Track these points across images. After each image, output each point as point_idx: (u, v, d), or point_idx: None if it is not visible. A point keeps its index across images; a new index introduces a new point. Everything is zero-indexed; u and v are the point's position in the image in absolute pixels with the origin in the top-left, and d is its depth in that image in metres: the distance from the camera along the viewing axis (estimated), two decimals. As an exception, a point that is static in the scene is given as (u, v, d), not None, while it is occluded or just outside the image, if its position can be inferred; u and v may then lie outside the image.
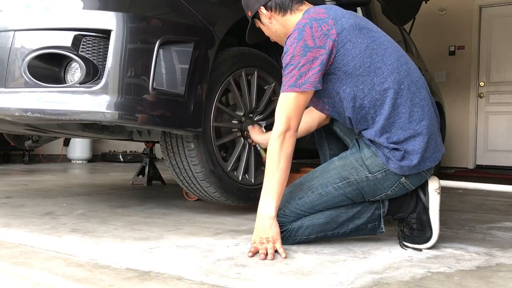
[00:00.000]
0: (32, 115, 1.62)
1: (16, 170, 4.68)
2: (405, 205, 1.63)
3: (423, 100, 1.55)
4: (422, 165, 1.54)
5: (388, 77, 1.52)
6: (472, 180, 3.99)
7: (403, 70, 1.54)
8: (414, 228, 1.60)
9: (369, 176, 1.55)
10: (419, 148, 1.52)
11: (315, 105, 1.68)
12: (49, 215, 2.04)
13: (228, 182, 2.02)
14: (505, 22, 6.55)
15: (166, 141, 2.00)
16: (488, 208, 2.72)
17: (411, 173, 1.55)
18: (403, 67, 1.55)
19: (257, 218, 1.53)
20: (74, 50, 1.61)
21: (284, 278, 1.21)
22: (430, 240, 1.57)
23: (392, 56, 1.54)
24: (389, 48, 1.56)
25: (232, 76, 2.02)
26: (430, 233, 1.57)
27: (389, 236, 1.75)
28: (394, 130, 1.52)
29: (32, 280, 1.15)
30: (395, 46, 1.59)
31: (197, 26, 1.80)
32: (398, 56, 1.56)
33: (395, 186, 1.57)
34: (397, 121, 1.52)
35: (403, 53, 1.60)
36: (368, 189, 1.57)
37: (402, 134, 1.51)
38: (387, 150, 1.53)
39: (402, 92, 1.52)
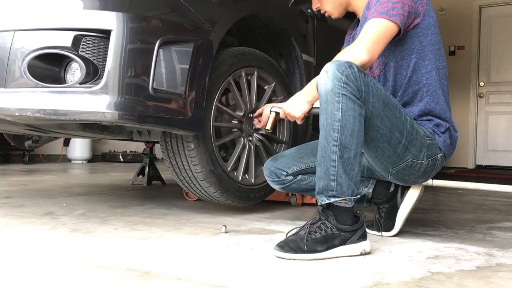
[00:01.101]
0: (32, 115, 1.62)
1: (16, 170, 4.68)
2: (384, 195, 1.78)
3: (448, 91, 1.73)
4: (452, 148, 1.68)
5: (444, 68, 1.67)
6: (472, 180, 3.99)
7: (446, 70, 1.71)
8: (382, 216, 1.77)
9: (424, 135, 1.60)
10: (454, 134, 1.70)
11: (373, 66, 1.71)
12: (49, 215, 2.04)
13: (228, 182, 2.02)
14: (505, 22, 6.55)
15: (166, 141, 2.00)
16: (488, 208, 2.72)
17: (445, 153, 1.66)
18: (446, 68, 1.72)
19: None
20: (74, 50, 1.61)
21: (283, 278, 1.21)
22: (389, 232, 1.75)
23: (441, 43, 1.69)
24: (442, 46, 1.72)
25: (232, 76, 2.02)
26: (392, 227, 1.75)
27: (389, 237, 1.75)
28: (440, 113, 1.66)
29: (32, 280, 1.15)
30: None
31: (197, 26, 1.80)
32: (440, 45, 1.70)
33: (432, 158, 1.63)
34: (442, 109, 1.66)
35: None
36: (418, 146, 1.59)
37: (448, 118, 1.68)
38: (431, 124, 1.64)
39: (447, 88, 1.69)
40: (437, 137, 1.63)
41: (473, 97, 6.70)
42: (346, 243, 1.45)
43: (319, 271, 1.29)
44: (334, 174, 1.44)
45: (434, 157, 1.64)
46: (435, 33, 1.64)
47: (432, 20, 1.63)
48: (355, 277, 1.24)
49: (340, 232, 1.45)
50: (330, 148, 1.43)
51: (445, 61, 1.70)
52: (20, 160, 5.73)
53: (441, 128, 1.65)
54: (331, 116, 1.42)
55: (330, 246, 1.43)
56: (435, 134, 1.64)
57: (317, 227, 1.46)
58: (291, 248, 1.41)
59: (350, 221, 1.47)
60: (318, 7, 1.81)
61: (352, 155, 1.43)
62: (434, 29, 1.63)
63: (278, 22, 2.26)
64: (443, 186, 3.53)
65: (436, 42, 1.64)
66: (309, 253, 1.41)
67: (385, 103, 1.50)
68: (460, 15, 6.75)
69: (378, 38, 1.51)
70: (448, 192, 3.53)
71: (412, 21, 1.58)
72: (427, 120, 1.66)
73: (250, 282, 1.17)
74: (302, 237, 1.44)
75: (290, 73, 2.45)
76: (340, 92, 1.41)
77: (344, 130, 1.42)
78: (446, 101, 1.68)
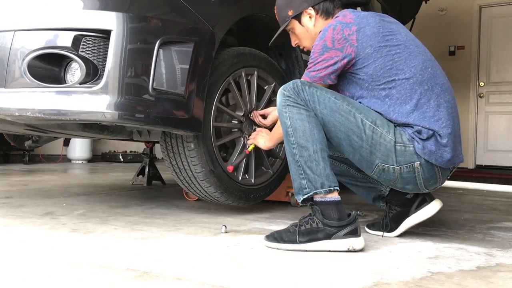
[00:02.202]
0: (32, 115, 1.62)
1: (16, 170, 4.68)
2: (400, 200, 1.78)
3: (447, 102, 1.62)
4: (440, 156, 1.57)
5: (410, 78, 1.59)
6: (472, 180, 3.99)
7: (428, 73, 1.61)
8: (389, 217, 1.78)
9: (391, 141, 1.57)
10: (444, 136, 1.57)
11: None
12: (49, 215, 2.04)
13: (228, 182, 2.02)
14: (505, 22, 6.55)
15: (166, 142, 2.00)
16: (488, 208, 2.72)
17: (429, 160, 1.57)
18: (427, 70, 1.62)
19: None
20: (74, 50, 1.61)
21: (283, 278, 1.21)
22: (390, 233, 1.77)
23: (416, 59, 1.61)
24: (414, 53, 1.62)
25: (232, 76, 2.02)
26: (394, 229, 1.77)
27: (389, 237, 1.75)
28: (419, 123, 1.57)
29: (32, 280, 1.15)
30: (422, 51, 1.65)
31: (197, 26, 1.80)
32: (423, 60, 1.63)
33: (407, 165, 1.58)
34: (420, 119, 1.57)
35: (430, 58, 1.67)
36: (383, 150, 1.57)
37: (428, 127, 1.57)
38: (411, 130, 1.57)
39: (425, 93, 1.59)
40: (415, 144, 1.56)
41: (473, 97, 6.71)
42: (331, 237, 1.52)
43: (319, 271, 1.29)
44: (302, 173, 1.56)
45: (409, 164, 1.57)
46: (382, 55, 1.58)
47: (371, 49, 1.58)
48: (355, 277, 1.24)
49: (325, 226, 1.53)
50: (291, 151, 1.57)
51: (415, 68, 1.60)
52: (20, 160, 5.73)
53: (422, 135, 1.56)
54: (284, 125, 1.59)
55: (312, 239, 1.52)
56: (414, 140, 1.57)
57: (304, 221, 1.57)
58: (274, 238, 1.56)
59: (336, 216, 1.53)
60: (297, 43, 1.87)
61: (312, 152, 1.54)
62: (378, 54, 1.58)
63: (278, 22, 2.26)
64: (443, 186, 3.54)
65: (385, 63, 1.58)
66: (289, 243, 1.53)
67: (334, 110, 1.57)
68: (460, 15, 6.75)
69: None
70: (448, 192, 3.53)
71: (348, 64, 1.60)
72: (408, 126, 1.59)
73: (250, 282, 1.17)
74: (288, 229, 1.57)
75: (290, 73, 2.45)
76: (285, 104, 1.58)
77: (296, 133, 1.56)
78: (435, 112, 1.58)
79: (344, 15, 1.64)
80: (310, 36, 1.78)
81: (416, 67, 1.60)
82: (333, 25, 1.60)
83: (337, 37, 1.59)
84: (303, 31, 1.79)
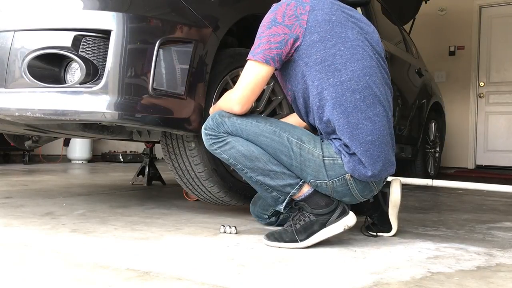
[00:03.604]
0: (32, 115, 1.62)
1: (16, 170, 4.68)
2: (366, 207, 1.76)
3: (376, 115, 1.52)
4: (360, 172, 1.51)
5: (344, 83, 1.49)
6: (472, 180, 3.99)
7: (363, 82, 1.51)
8: (376, 224, 1.78)
9: (319, 155, 1.52)
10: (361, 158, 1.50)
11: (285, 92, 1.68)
12: (49, 215, 2.04)
13: (232, 181, 2.02)
14: (505, 22, 6.55)
15: (167, 144, 2.00)
16: (488, 208, 2.72)
17: (353, 175, 1.52)
18: (365, 78, 1.51)
19: None
20: (74, 50, 1.61)
21: (283, 278, 1.21)
22: (389, 232, 1.76)
23: (358, 63, 1.51)
24: (358, 55, 1.52)
25: (229, 76, 2.03)
26: (389, 228, 1.76)
27: (389, 237, 1.75)
28: (341, 134, 1.51)
29: (32, 280, 1.15)
30: (367, 56, 1.54)
31: (197, 26, 1.80)
32: (364, 66, 1.52)
33: (339, 178, 1.53)
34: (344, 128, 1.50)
35: (373, 65, 1.54)
36: (312, 166, 1.52)
37: (347, 140, 1.50)
38: (338, 143, 1.53)
39: (355, 103, 1.50)
40: (342, 157, 1.52)
41: (473, 97, 6.71)
42: (326, 225, 1.54)
43: (319, 270, 1.29)
44: (268, 188, 1.58)
45: (341, 177, 1.53)
46: (326, 48, 1.49)
47: (318, 36, 1.48)
48: (355, 277, 1.24)
49: (317, 217, 1.55)
50: (247, 176, 1.59)
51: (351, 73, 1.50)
52: (20, 160, 5.73)
53: (349, 149, 1.51)
54: (224, 160, 1.59)
55: (310, 233, 1.54)
56: (341, 154, 1.52)
57: (297, 219, 1.58)
58: (275, 238, 1.57)
59: (323, 203, 1.55)
60: None
61: (262, 166, 1.55)
62: (322, 45, 1.48)
63: None
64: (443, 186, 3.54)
65: (326, 58, 1.49)
66: (290, 242, 1.55)
67: (257, 133, 1.54)
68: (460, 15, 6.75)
69: (249, 87, 1.51)
70: (448, 192, 3.53)
71: (292, 46, 1.49)
72: (335, 138, 1.54)
73: (250, 282, 1.17)
74: (285, 229, 1.58)
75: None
76: (211, 143, 1.58)
77: (237, 159, 1.56)
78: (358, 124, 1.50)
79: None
80: None
81: (354, 72, 1.50)
82: (288, 1, 1.51)
83: (288, 13, 1.49)
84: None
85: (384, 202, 1.74)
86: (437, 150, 4.88)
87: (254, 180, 1.58)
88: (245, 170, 1.57)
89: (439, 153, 4.93)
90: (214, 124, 1.56)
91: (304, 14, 1.49)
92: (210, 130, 1.56)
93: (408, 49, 4.43)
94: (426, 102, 4.39)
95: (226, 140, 1.56)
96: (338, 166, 1.52)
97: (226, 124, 1.55)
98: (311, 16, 1.49)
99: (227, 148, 1.56)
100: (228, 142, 1.55)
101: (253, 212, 1.92)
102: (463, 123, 6.67)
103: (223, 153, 1.57)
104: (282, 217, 1.86)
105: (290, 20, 1.48)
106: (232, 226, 1.75)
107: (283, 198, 1.58)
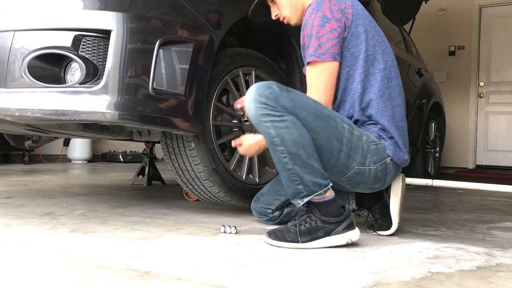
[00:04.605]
0: (32, 115, 1.62)
1: (16, 170, 4.68)
2: (368, 198, 1.79)
3: (402, 104, 1.71)
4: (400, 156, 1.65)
5: (382, 71, 1.64)
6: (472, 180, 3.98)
7: (394, 72, 1.69)
8: (377, 218, 1.77)
9: (367, 141, 1.60)
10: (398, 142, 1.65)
11: None
12: (49, 215, 2.04)
13: (232, 181, 2.02)
14: (505, 22, 6.55)
15: (167, 144, 2.00)
16: (488, 208, 2.72)
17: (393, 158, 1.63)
18: (394, 68, 1.70)
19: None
20: (74, 50, 1.61)
21: (283, 278, 1.21)
22: (388, 230, 1.75)
23: (389, 55, 1.69)
24: (388, 48, 1.70)
25: (229, 76, 2.03)
26: (390, 224, 1.74)
27: (389, 237, 1.75)
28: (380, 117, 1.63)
29: (32, 280, 1.15)
30: (392, 49, 1.73)
31: (197, 26, 1.80)
32: (392, 58, 1.70)
33: (381, 163, 1.61)
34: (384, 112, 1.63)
35: (395, 58, 1.74)
36: (361, 153, 1.58)
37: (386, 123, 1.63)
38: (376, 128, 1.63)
39: (390, 89, 1.66)
40: (383, 142, 1.61)
41: (473, 97, 6.70)
42: (331, 234, 1.54)
43: (319, 271, 1.29)
44: (297, 179, 1.51)
45: (382, 161, 1.61)
46: (368, 39, 1.63)
47: (362, 28, 1.62)
48: (355, 277, 1.24)
49: (324, 224, 1.54)
50: (282, 160, 1.51)
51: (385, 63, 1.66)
52: (20, 160, 5.73)
53: (387, 134, 1.62)
54: (268, 135, 1.50)
55: (313, 238, 1.54)
56: (381, 138, 1.61)
57: (303, 220, 1.57)
58: (277, 237, 1.56)
59: (335, 213, 1.54)
60: (277, 15, 1.82)
61: (305, 157, 1.50)
62: (365, 36, 1.62)
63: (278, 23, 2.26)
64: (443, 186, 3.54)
65: (368, 48, 1.63)
66: (292, 242, 1.54)
67: (316, 115, 1.52)
68: (460, 15, 6.75)
69: (329, 87, 1.62)
70: (448, 192, 3.53)
71: (344, 38, 1.61)
72: (372, 124, 1.63)
73: (250, 282, 1.17)
74: (289, 229, 1.57)
75: (290, 73, 2.45)
76: (263, 113, 1.47)
77: (285, 141, 1.48)
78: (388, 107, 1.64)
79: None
80: (291, 3, 1.75)
81: (387, 62, 1.66)
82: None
83: (334, 7, 1.58)
84: (283, 1, 1.75)
85: (386, 192, 1.76)
86: (437, 150, 4.88)
87: (288, 168, 1.50)
88: (285, 154, 1.49)
89: (439, 153, 4.93)
90: (271, 94, 1.46)
91: (348, 8, 1.60)
92: (266, 99, 1.46)
93: (408, 49, 4.43)
94: (426, 102, 4.39)
95: (283, 117, 1.46)
96: (381, 150, 1.61)
97: (285, 98, 1.47)
98: (354, 10, 1.61)
99: (281, 126, 1.47)
100: (285, 120, 1.47)
101: (255, 209, 1.91)
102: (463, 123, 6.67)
103: (272, 129, 1.47)
104: (287, 210, 1.87)
105: (338, 14, 1.58)
106: (232, 226, 1.75)
107: (306, 194, 1.52)
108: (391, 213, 1.74)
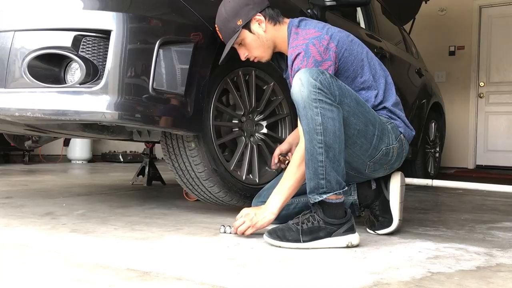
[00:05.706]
0: (32, 115, 1.62)
1: (16, 170, 4.68)
2: (369, 194, 1.81)
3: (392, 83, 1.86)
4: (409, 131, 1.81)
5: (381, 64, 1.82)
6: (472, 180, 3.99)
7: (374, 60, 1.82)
8: (378, 215, 1.78)
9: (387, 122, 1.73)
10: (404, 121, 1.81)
11: None
12: (49, 215, 2.04)
13: (232, 181, 2.02)
14: (505, 22, 6.55)
15: (167, 144, 2.00)
16: (488, 208, 2.72)
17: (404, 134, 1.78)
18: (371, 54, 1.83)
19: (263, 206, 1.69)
20: (74, 50, 1.61)
21: (284, 279, 1.21)
22: (390, 227, 1.75)
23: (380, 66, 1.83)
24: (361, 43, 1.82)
25: (228, 76, 2.03)
26: (391, 220, 1.75)
27: (389, 237, 1.75)
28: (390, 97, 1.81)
29: (32, 280, 1.15)
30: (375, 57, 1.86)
31: (197, 26, 1.80)
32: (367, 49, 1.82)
33: (398, 140, 1.74)
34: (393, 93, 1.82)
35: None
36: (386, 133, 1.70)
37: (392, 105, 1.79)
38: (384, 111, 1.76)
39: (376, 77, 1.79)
40: (394, 121, 1.76)
41: (473, 97, 6.70)
42: (332, 235, 1.55)
43: (318, 270, 1.29)
44: (323, 173, 1.53)
45: (399, 138, 1.75)
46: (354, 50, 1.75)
47: (345, 50, 1.72)
48: (355, 277, 1.24)
49: (326, 225, 1.56)
50: (316, 150, 1.52)
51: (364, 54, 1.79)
52: (20, 160, 5.73)
53: (394, 114, 1.77)
54: (312, 121, 1.51)
55: (314, 238, 1.55)
56: (391, 118, 1.76)
57: (305, 219, 1.58)
58: (277, 236, 1.56)
59: (339, 215, 1.57)
60: (247, 56, 1.84)
61: (337, 153, 1.54)
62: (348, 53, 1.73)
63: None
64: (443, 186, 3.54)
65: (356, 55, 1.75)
66: (293, 242, 1.54)
67: (357, 101, 1.62)
68: (460, 15, 6.75)
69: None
70: (448, 192, 3.53)
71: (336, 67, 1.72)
72: (380, 109, 1.76)
73: (250, 282, 1.17)
74: (290, 227, 1.57)
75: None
76: (316, 98, 1.50)
77: (327, 132, 1.51)
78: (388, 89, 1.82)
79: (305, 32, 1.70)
80: (262, 44, 1.80)
81: (367, 54, 1.79)
82: (310, 42, 1.66)
83: (321, 49, 1.66)
84: (254, 39, 1.79)
85: (386, 188, 1.78)
86: (437, 150, 4.88)
87: (319, 159, 1.51)
88: (322, 144, 1.50)
89: (439, 153, 4.93)
90: (325, 80, 1.51)
91: (330, 43, 1.68)
92: (321, 85, 1.50)
93: (408, 49, 4.43)
94: (426, 102, 4.39)
95: (332, 107, 1.51)
96: (396, 128, 1.74)
97: (335, 86, 1.53)
98: (334, 40, 1.69)
99: (328, 115, 1.50)
100: (333, 110, 1.51)
101: (256, 204, 1.91)
102: (463, 123, 6.67)
103: (319, 116, 1.49)
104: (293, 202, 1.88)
105: (326, 54, 1.66)
106: (232, 226, 1.75)
107: (325, 190, 1.53)
108: (391, 208, 1.75)
